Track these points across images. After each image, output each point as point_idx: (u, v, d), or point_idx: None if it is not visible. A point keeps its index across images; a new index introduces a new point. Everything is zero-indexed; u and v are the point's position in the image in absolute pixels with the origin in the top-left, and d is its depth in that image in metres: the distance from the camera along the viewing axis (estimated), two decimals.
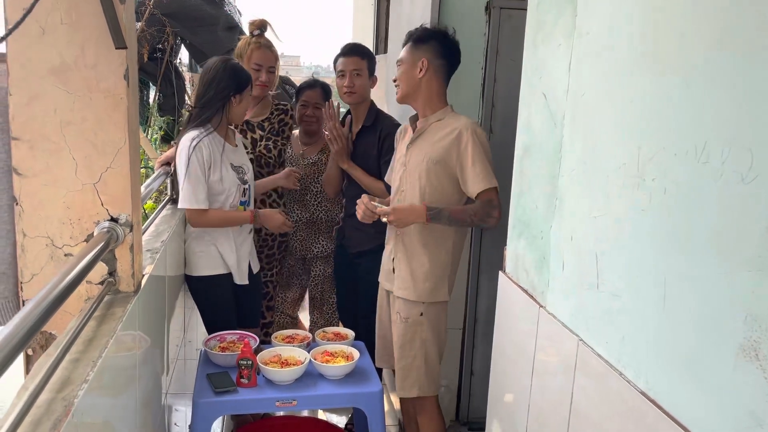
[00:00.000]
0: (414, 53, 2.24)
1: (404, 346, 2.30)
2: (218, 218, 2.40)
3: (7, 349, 0.86)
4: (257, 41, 2.78)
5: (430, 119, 2.25)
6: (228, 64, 2.41)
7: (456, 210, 2.18)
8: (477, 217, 2.15)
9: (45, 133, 1.42)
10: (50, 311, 1.03)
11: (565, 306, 1.40)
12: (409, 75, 2.24)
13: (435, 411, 2.38)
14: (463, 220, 2.17)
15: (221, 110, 2.39)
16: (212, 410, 2.07)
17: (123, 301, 1.46)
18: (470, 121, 2.20)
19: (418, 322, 2.27)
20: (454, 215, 2.17)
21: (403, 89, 2.28)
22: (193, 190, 2.31)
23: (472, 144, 2.14)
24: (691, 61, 0.98)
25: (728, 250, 0.90)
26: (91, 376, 1.10)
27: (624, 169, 1.16)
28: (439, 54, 2.23)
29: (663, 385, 1.04)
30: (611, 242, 1.20)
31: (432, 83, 2.24)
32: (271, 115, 2.92)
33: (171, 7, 3.64)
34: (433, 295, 2.26)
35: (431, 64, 2.21)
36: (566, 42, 1.40)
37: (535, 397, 1.55)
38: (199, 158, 2.30)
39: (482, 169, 2.14)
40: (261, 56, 2.77)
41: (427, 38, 2.24)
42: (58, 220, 1.46)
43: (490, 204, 2.15)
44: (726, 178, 0.90)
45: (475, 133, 2.15)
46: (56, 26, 1.37)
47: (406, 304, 2.29)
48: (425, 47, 2.23)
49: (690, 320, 0.98)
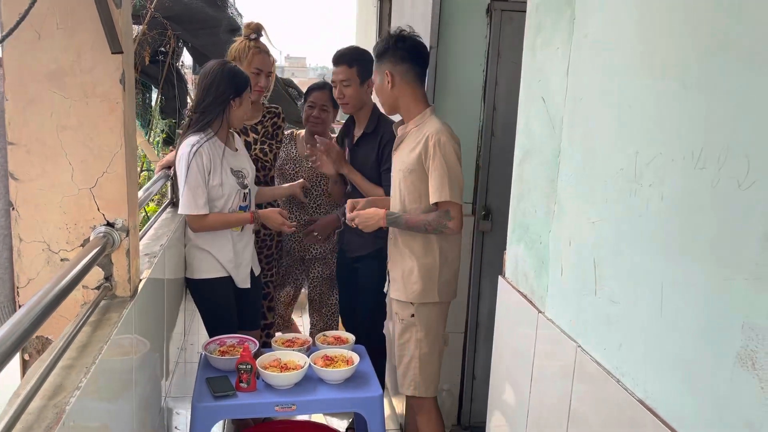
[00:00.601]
0: (379, 68, 2.32)
1: (401, 347, 2.36)
2: (218, 221, 2.40)
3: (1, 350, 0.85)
4: (257, 46, 2.78)
5: (409, 126, 2.31)
6: (225, 68, 2.41)
7: (412, 219, 2.25)
8: (431, 227, 2.22)
9: (41, 137, 1.42)
10: (44, 315, 1.03)
11: (564, 311, 1.39)
12: (383, 90, 2.32)
13: (433, 412, 2.40)
14: (418, 227, 2.24)
15: (221, 115, 2.39)
16: (211, 414, 2.06)
17: (119, 306, 1.46)
18: (439, 128, 2.21)
19: (411, 323, 2.33)
20: (410, 223, 2.25)
21: (384, 105, 2.37)
22: (192, 196, 2.31)
23: (433, 155, 2.18)
24: (689, 65, 0.97)
25: (725, 258, 0.89)
26: (83, 382, 1.10)
27: (622, 174, 1.14)
28: (400, 59, 2.26)
29: (660, 393, 1.03)
30: (609, 248, 1.19)
31: (404, 90, 2.28)
32: (263, 118, 2.93)
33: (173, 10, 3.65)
34: (423, 296, 2.30)
35: (395, 73, 2.27)
36: (564, 46, 1.39)
37: (534, 403, 1.53)
38: (198, 164, 2.30)
39: (437, 182, 2.17)
40: (261, 61, 2.77)
41: (383, 51, 2.30)
42: (55, 224, 1.46)
43: (445, 215, 2.20)
44: (723, 184, 0.89)
45: (439, 143, 2.18)
46: (52, 31, 1.37)
47: (399, 305, 2.36)
48: (385, 59, 2.29)
49: (687, 328, 0.96)
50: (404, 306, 2.34)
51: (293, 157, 3.08)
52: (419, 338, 2.32)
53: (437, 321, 2.36)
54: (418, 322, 2.32)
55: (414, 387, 2.35)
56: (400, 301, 2.35)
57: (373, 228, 2.34)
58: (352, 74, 2.67)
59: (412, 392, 2.36)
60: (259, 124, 2.91)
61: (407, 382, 2.36)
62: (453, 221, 2.19)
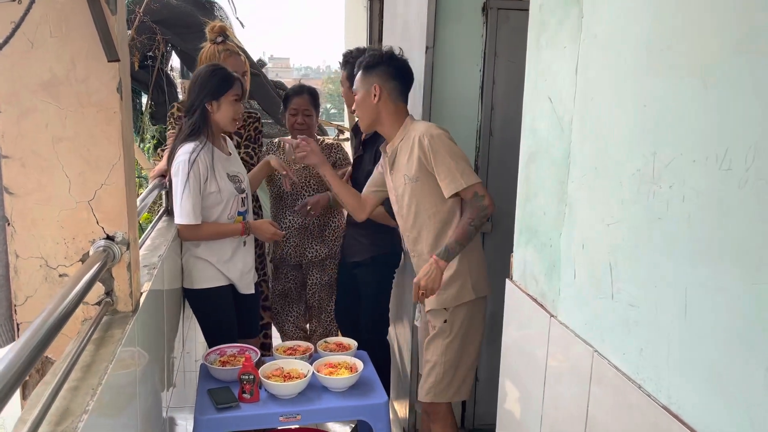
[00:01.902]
0: (365, 80, 2.28)
1: (427, 352, 2.31)
2: (210, 232, 2.37)
3: (5, 383, 0.81)
4: (226, 49, 2.75)
5: (396, 141, 2.28)
6: (206, 70, 2.40)
7: (457, 232, 2.15)
8: (475, 219, 2.13)
9: (36, 150, 1.37)
10: (48, 339, 0.99)
11: (578, 316, 1.36)
12: (366, 103, 2.28)
13: (449, 419, 2.36)
14: (467, 233, 2.14)
15: (204, 119, 2.36)
16: (214, 427, 2.02)
17: (122, 322, 1.41)
18: (423, 127, 2.19)
19: (443, 329, 2.27)
20: (459, 236, 2.14)
21: (364, 118, 2.32)
22: (186, 205, 2.28)
23: (432, 150, 2.13)
24: (709, 61, 0.95)
25: (755, 261, 0.86)
26: (91, 405, 1.06)
27: (638, 175, 1.12)
28: (390, 76, 2.26)
29: (687, 400, 1.00)
30: (626, 251, 1.16)
31: (387, 106, 2.26)
32: (245, 122, 2.90)
33: (161, 15, 3.60)
34: (457, 297, 2.24)
35: (383, 88, 2.25)
36: (572, 44, 1.36)
37: (548, 409, 1.51)
38: (195, 172, 2.27)
39: (447, 174, 2.13)
40: (234, 64, 2.73)
41: (375, 64, 2.27)
42: (52, 239, 1.41)
43: (476, 198, 2.13)
44: (751, 185, 0.86)
45: (432, 137, 2.14)
46: (45, 39, 1.33)
47: (433, 314, 2.29)
48: (375, 72, 2.26)
49: (715, 333, 0.94)
50: (437, 313, 2.28)
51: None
52: (447, 343, 2.26)
53: (471, 321, 2.29)
54: (449, 327, 2.26)
55: (433, 393, 2.29)
56: (434, 309, 2.28)
57: (440, 278, 2.16)
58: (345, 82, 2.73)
59: (430, 399, 2.30)
60: (241, 128, 2.90)
61: (426, 388, 2.31)
62: (486, 198, 2.13)
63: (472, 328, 2.29)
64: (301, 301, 3.19)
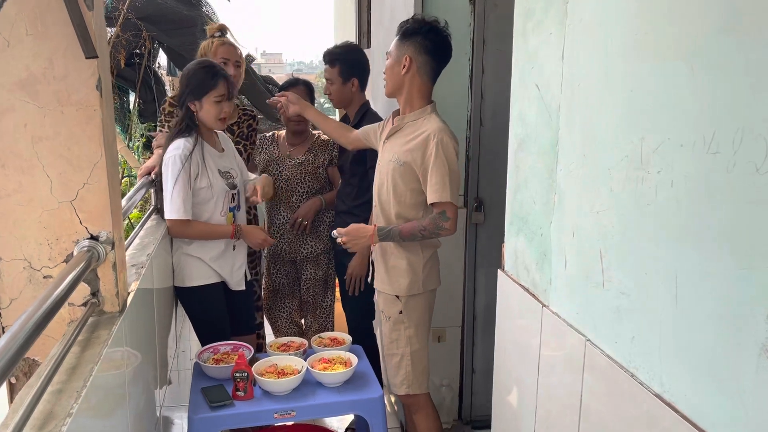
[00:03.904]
0: (399, 48, 2.18)
1: (390, 345, 2.31)
2: (200, 231, 2.35)
3: None
4: (221, 39, 2.75)
5: (407, 118, 2.22)
6: (189, 69, 2.38)
7: (405, 228, 2.16)
8: (427, 231, 2.14)
9: (16, 150, 1.35)
10: (31, 339, 0.97)
11: (570, 305, 1.35)
12: (394, 71, 2.20)
13: (429, 408, 2.36)
14: (413, 235, 2.16)
15: (190, 117, 2.34)
16: (209, 426, 2.00)
17: (108, 323, 1.39)
18: (440, 126, 2.13)
19: (399, 320, 2.27)
20: (404, 233, 2.16)
21: (388, 85, 2.25)
22: (176, 200, 2.26)
23: (435, 154, 2.09)
24: (696, 45, 0.93)
25: (745, 245, 0.85)
26: (75, 408, 1.04)
27: (626, 161, 1.10)
28: (424, 50, 2.14)
29: (680, 387, 0.99)
30: (616, 238, 1.15)
31: (414, 81, 2.17)
32: (239, 119, 2.90)
33: (146, 11, 3.55)
34: (410, 288, 2.24)
35: (414, 62, 2.15)
36: (558, 30, 1.35)
37: (542, 398, 1.50)
38: (185, 168, 2.25)
39: (438, 181, 2.09)
40: (226, 51, 2.73)
41: (412, 33, 2.16)
42: (35, 240, 1.39)
43: (441, 216, 2.12)
44: (739, 168, 0.85)
45: (441, 143, 2.09)
46: (21, 37, 1.30)
47: (386, 302, 2.29)
48: (410, 43, 2.16)
49: (706, 319, 0.93)
50: (391, 302, 2.27)
51: (276, 157, 3.01)
52: (409, 335, 2.27)
53: (425, 312, 2.31)
54: (406, 318, 2.26)
55: (407, 386, 2.30)
56: (387, 295, 2.28)
57: (363, 246, 2.29)
58: (333, 73, 2.77)
59: (405, 391, 2.31)
60: (234, 125, 2.90)
61: (399, 381, 2.31)
62: (449, 221, 2.12)
63: (425, 316, 2.32)
64: (294, 297, 3.18)
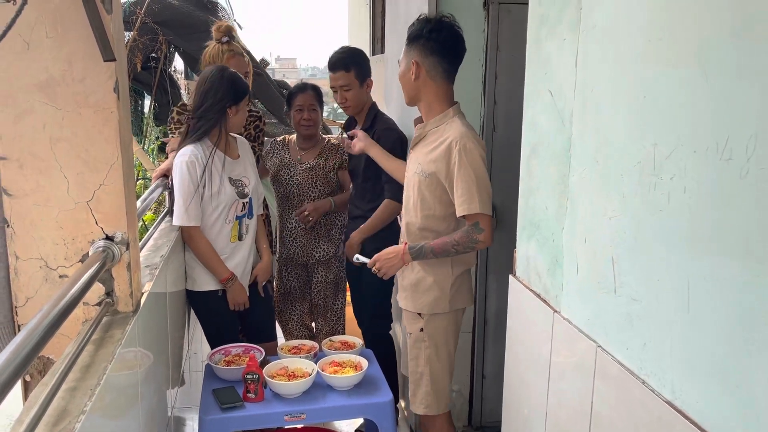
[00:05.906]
0: (407, 54, 2.10)
1: (412, 362, 2.23)
2: (200, 251, 2.35)
3: (2, 379, 0.81)
4: (230, 49, 2.73)
5: (429, 125, 2.11)
6: (225, 74, 2.35)
7: (437, 244, 2.05)
8: (461, 246, 2.02)
9: (34, 151, 1.37)
10: (46, 337, 0.99)
11: (582, 311, 1.34)
12: (405, 79, 2.12)
13: (446, 428, 2.28)
14: (446, 251, 2.05)
15: (218, 122, 2.33)
16: (219, 427, 2.01)
17: (122, 323, 1.41)
18: (462, 131, 2.02)
19: (420, 338, 2.17)
20: (437, 249, 2.05)
21: (405, 94, 2.17)
22: (184, 207, 2.27)
23: (458, 163, 1.99)
24: (709, 50, 0.93)
25: (758, 252, 0.84)
26: (88, 406, 1.05)
27: (639, 167, 1.10)
28: (430, 51, 2.04)
29: (691, 395, 0.99)
30: (628, 244, 1.15)
31: (428, 85, 2.07)
32: (246, 122, 2.89)
33: (163, 15, 3.60)
34: (433, 306, 2.15)
35: (422, 66, 2.05)
36: (572, 36, 1.35)
37: (553, 404, 1.49)
38: (192, 175, 2.26)
39: (465, 192, 1.98)
40: (236, 64, 2.70)
41: (415, 36, 2.06)
42: (52, 240, 1.41)
43: (475, 228, 2.00)
44: (752, 174, 0.85)
45: (464, 150, 1.98)
46: (41, 40, 1.32)
47: (408, 318, 2.21)
48: (414, 47, 2.06)
49: (719, 326, 0.92)
50: (413, 318, 2.18)
51: (287, 162, 3.03)
52: (429, 355, 2.16)
53: (449, 332, 2.19)
54: (427, 337, 2.16)
55: (425, 406, 2.20)
56: (408, 312, 2.19)
57: (397, 269, 2.15)
58: (350, 78, 2.71)
59: (424, 411, 2.22)
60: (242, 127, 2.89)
61: (418, 400, 2.22)
62: (483, 233, 2.00)
63: (448, 336, 2.20)
64: (305, 300, 3.19)
